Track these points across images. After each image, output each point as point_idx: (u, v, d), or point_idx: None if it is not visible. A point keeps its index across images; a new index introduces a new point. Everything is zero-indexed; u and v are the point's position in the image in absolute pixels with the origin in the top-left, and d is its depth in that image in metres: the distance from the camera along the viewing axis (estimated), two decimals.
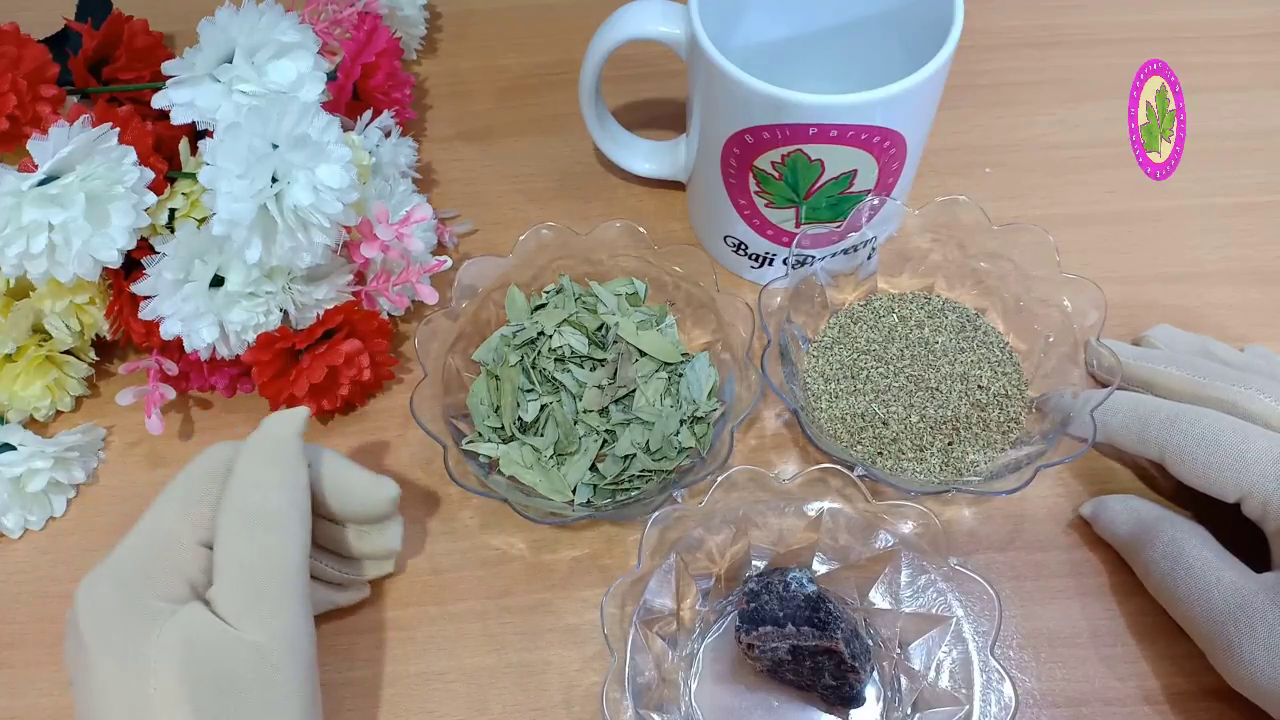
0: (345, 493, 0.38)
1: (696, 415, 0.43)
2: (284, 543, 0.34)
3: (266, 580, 0.34)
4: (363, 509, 0.38)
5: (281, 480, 0.36)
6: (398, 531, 0.40)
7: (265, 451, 0.36)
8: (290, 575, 0.34)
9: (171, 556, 0.34)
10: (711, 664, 0.39)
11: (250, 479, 0.35)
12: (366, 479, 0.38)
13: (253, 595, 0.33)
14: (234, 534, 0.34)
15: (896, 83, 0.39)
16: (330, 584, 0.40)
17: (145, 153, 0.40)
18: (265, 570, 0.34)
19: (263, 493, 0.35)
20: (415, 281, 0.43)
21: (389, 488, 0.39)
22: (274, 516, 0.35)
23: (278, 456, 0.36)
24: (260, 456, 0.36)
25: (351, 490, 0.38)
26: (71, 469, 0.44)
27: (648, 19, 0.44)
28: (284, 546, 0.34)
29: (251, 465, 0.36)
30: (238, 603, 0.33)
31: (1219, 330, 0.46)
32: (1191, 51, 0.57)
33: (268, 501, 0.35)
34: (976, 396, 0.44)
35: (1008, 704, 0.35)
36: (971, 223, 0.45)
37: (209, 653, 0.32)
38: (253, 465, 0.36)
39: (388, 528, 0.40)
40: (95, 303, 0.43)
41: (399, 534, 0.40)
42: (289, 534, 0.35)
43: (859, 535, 0.39)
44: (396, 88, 0.50)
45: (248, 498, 0.35)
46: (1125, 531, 0.40)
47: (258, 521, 0.34)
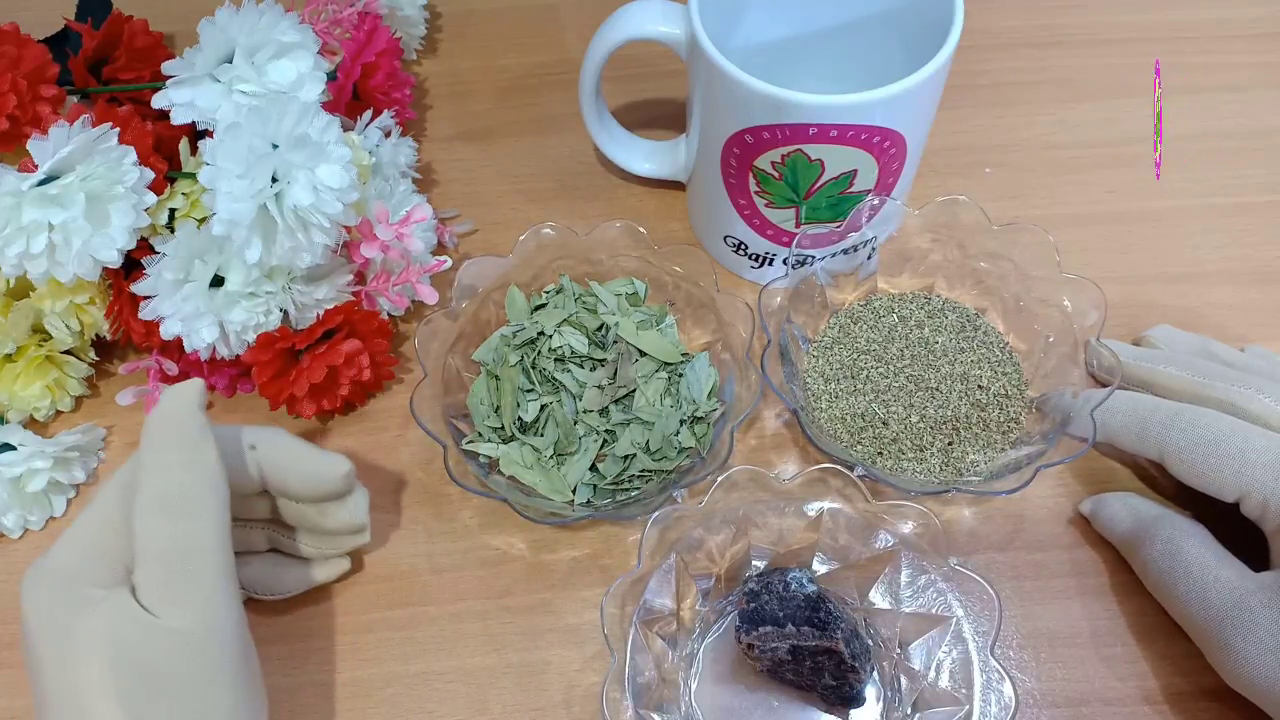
0: (295, 473, 0.37)
1: (696, 415, 0.43)
2: (197, 526, 0.33)
3: (182, 565, 0.33)
4: (316, 487, 0.38)
5: (186, 460, 0.34)
6: (362, 504, 0.40)
7: (165, 432, 0.35)
8: (206, 558, 0.33)
9: (105, 545, 0.34)
10: (711, 664, 0.39)
11: (154, 462, 0.34)
12: (316, 457, 0.38)
13: (169, 581, 0.33)
14: (146, 520, 0.33)
15: (896, 83, 0.39)
16: (306, 561, 0.40)
17: (145, 153, 0.40)
18: (180, 555, 0.33)
19: (167, 475, 0.34)
20: (415, 281, 0.43)
21: (339, 464, 0.38)
22: (183, 500, 0.34)
23: (179, 435, 0.35)
24: (161, 438, 0.35)
25: (301, 470, 0.38)
26: (71, 469, 0.44)
27: (648, 19, 0.44)
28: (197, 530, 0.33)
29: (154, 448, 0.34)
30: (156, 589, 0.33)
31: (1219, 330, 0.46)
32: (1191, 51, 0.57)
33: (173, 484, 0.34)
34: (976, 396, 0.44)
35: (1008, 704, 0.35)
36: (971, 223, 0.45)
37: (131, 642, 0.32)
38: (155, 447, 0.34)
39: (348, 501, 0.39)
40: (95, 303, 0.43)
41: (364, 506, 0.40)
42: (201, 516, 0.34)
43: (859, 535, 0.39)
44: (396, 88, 0.50)
45: (154, 482, 0.34)
46: (1124, 529, 0.40)
47: (167, 506, 0.33)
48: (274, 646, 0.40)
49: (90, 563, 0.33)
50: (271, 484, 0.38)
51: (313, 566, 0.41)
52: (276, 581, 0.40)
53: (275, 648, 0.40)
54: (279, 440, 0.38)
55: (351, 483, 0.39)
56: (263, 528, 0.40)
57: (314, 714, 0.39)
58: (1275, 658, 0.33)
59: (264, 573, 0.40)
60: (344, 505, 0.39)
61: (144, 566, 0.33)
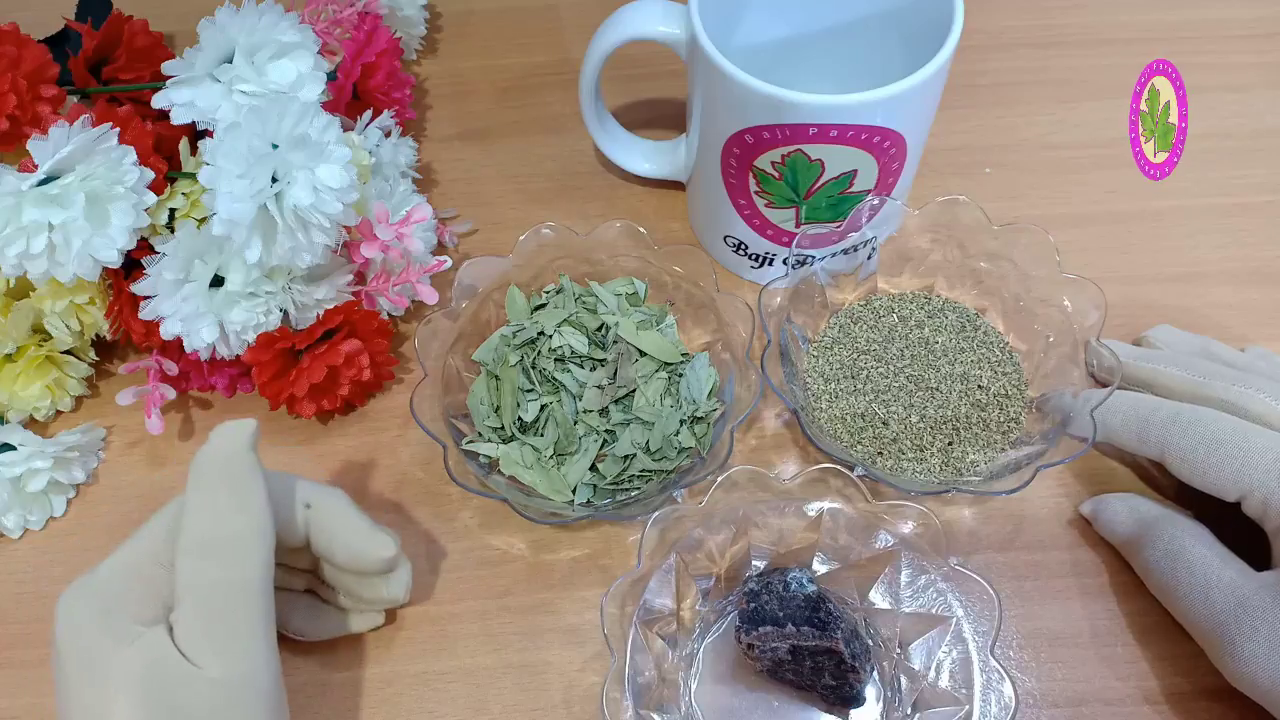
0: (343, 545, 0.37)
1: (696, 415, 0.43)
2: (241, 574, 0.33)
3: (221, 612, 0.32)
4: (359, 564, 0.37)
5: (235, 504, 0.34)
6: (404, 580, 0.39)
7: (214, 472, 0.34)
8: (249, 607, 0.33)
9: (148, 576, 0.33)
10: (711, 664, 0.39)
11: (201, 503, 0.34)
12: (366, 535, 0.37)
13: (210, 628, 0.32)
14: (189, 562, 0.33)
15: (896, 83, 0.39)
16: (342, 610, 0.40)
17: (145, 153, 0.40)
18: (222, 602, 0.32)
19: (214, 518, 0.33)
20: (415, 281, 0.43)
21: (386, 546, 0.37)
22: (227, 544, 0.33)
23: (229, 476, 0.34)
24: (210, 478, 0.34)
25: (349, 546, 0.37)
26: (71, 469, 0.44)
27: (648, 19, 0.44)
28: (241, 578, 0.33)
29: (201, 487, 0.34)
30: (195, 635, 0.32)
31: (1219, 330, 0.46)
32: (1191, 51, 0.57)
33: (220, 527, 0.33)
34: (976, 396, 0.44)
35: (1008, 704, 0.35)
36: (971, 223, 0.45)
37: (165, 685, 0.31)
38: (202, 487, 0.34)
39: (390, 578, 0.39)
40: (95, 303, 0.43)
41: (405, 582, 0.39)
42: (246, 563, 0.33)
43: (859, 535, 0.39)
44: (396, 88, 0.50)
45: (199, 523, 0.33)
46: (1126, 530, 0.40)
47: (211, 550, 0.33)
48: None
49: (132, 593, 0.33)
50: (316, 547, 0.37)
51: (349, 617, 0.40)
52: (311, 626, 0.40)
53: None
54: (334, 505, 0.37)
55: (396, 565, 0.38)
56: (302, 574, 0.39)
57: (314, 714, 0.39)
58: (1279, 657, 0.33)
59: (300, 615, 0.39)
60: (385, 581, 0.39)
61: (184, 610, 0.32)
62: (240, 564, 0.33)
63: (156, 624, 0.32)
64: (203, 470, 0.34)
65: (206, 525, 0.33)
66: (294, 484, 0.37)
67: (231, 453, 0.34)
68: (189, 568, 0.33)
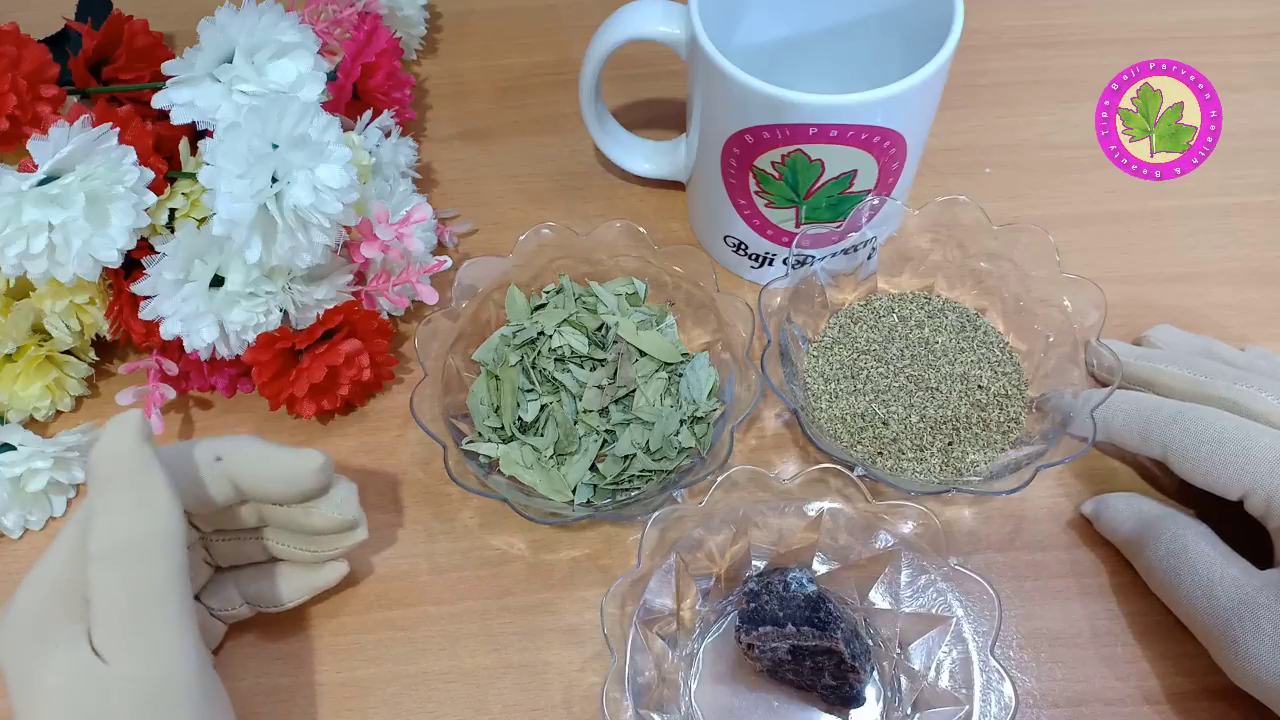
0: (268, 476, 0.36)
1: (696, 415, 0.43)
2: (148, 571, 0.32)
3: (134, 613, 0.32)
4: (293, 487, 0.36)
5: (133, 500, 0.32)
6: (348, 497, 0.38)
7: (109, 471, 0.33)
8: (159, 604, 0.32)
9: (67, 576, 0.33)
10: (711, 664, 0.39)
11: (101, 505, 0.33)
12: (286, 456, 0.36)
13: (122, 630, 0.31)
14: (96, 567, 0.32)
15: (896, 83, 0.39)
16: (305, 569, 0.40)
17: (145, 153, 0.40)
18: (131, 602, 0.32)
19: (115, 518, 0.32)
20: (415, 281, 0.43)
21: (311, 458, 0.36)
22: (133, 544, 0.32)
23: (125, 474, 0.33)
24: (105, 478, 0.33)
25: (274, 472, 0.36)
26: (71, 469, 0.44)
27: (648, 19, 0.44)
28: (149, 575, 0.32)
29: (99, 489, 0.33)
30: (109, 637, 0.31)
31: (1219, 330, 0.46)
32: (1191, 51, 0.56)
33: (121, 528, 0.32)
34: (976, 396, 0.44)
35: (1008, 704, 0.35)
36: (971, 223, 0.45)
37: (83, 690, 0.31)
38: (100, 489, 0.33)
39: (333, 496, 0.38)
40: (95, 303, 0.43)
41: (351, 499, 0.38)
42: (153, 560, 0.32)
43: (859, 535, 0.39)
44: (396, 88, 0.50)
45: (102, 526, 0.32)
46: (1128, 529, 0.40)
47: (117, 552, 0.32)
48: (274, 646, 0.40)
49: (51, 601, 0.32)
50: (248, 492, 0.36)
51: (311, 574, 0.40)
52: (275, 594, 0.40)
53: (275, 647, 0.40)
54: (245, 447, 0.36)
55: (329, 476, 0.37)
56: (256, 537, 0.39)
57: (314, 714, 0.39)
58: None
59: (263, 586, 0.39)
60: (329, 501, 0.38)
61: (96, 614, 0.32)
62: (148, 562, 0.32)
63: (79, 621, 0.32)
64: (99, 471, 0.33)
65: (109, 527, 0.32)
66: (192, 448, 0.36)
67: (125, 450, 0.33)
68: (97, 572, 0.32)
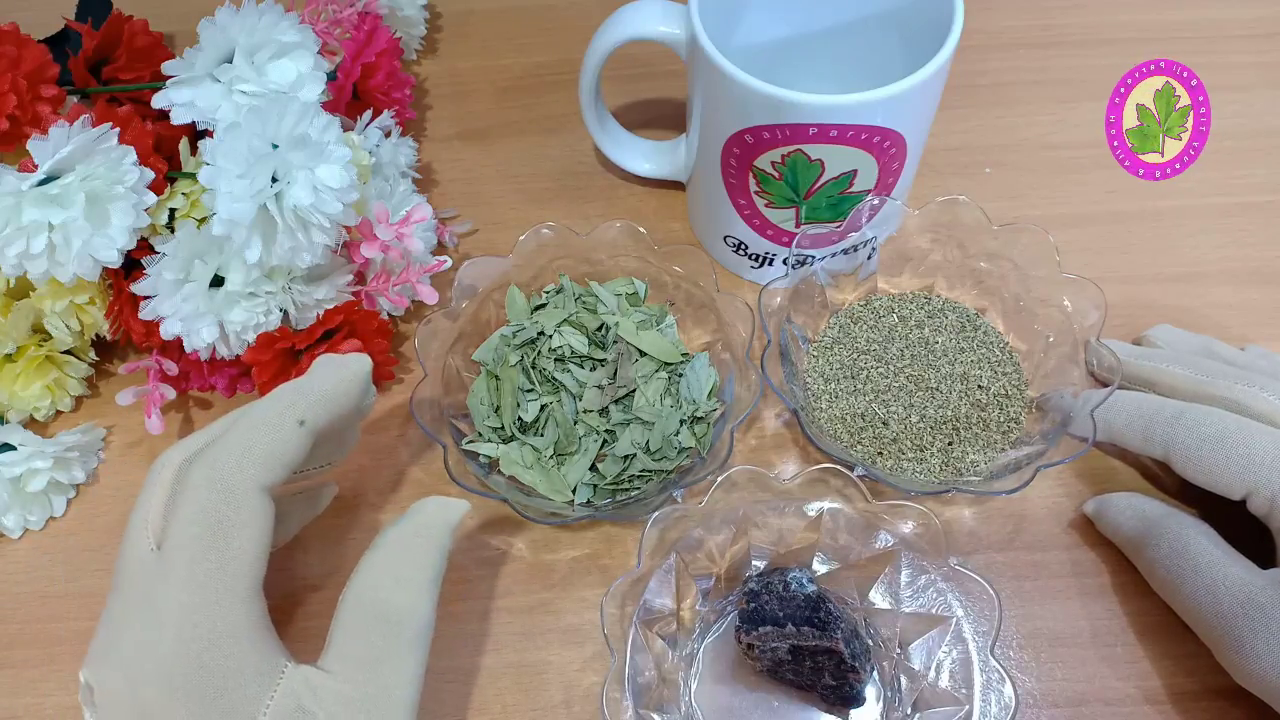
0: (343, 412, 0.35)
1: (696, 415, 0.43)
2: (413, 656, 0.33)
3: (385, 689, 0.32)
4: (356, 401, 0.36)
5: (428, 584, 0.34)
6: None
7: (418, 544, 0.34)
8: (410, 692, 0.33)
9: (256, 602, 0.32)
10: (711, 664, 0.39)
11: (394, 570, 0.34)
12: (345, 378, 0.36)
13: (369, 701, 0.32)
14: (363, 623, 0.33)
15: (896, 83, 0.39)
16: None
17: (145, 153, 0.40)
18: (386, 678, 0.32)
19: (399, 590, 0.33)
20: (415, 281, 0.43)
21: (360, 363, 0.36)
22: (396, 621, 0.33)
23: (427, 552, 0.34)
24: (411, 548, 0.34)
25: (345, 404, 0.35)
26: (71, 469, 0.44)
27: (648, 19, 0.44)
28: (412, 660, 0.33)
29: (399, 553, 0.34)
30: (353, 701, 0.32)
31: (1219, 330, 0.46)
32: (1191, 51, 0.56)
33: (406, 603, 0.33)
34: (976, 396, 0.44)
35: (1008, 704, 0.35)
36: (971, 223, 0.45)
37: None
38: (401, 554, 0.34)
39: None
40: (95, 303, 0.43)
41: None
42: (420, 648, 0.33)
43: (859, 535, 0.39)
44: (396, 88, 0.50)
45: (382, 588, 0.33)
46: (1130, 529, 0.40)
47: (379, 616, 0.33)
48: None
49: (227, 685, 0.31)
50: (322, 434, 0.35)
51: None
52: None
53: None
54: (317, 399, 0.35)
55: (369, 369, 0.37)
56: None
57: None
58: None
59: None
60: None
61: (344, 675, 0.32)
62: (413, 652, 0.33)
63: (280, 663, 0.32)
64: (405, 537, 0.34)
65: (389, 593, 0.33)
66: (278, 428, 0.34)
67: (437, 533, 0.34)
68: (363, 631, 0.33)
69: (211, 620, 0.31)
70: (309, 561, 0.42)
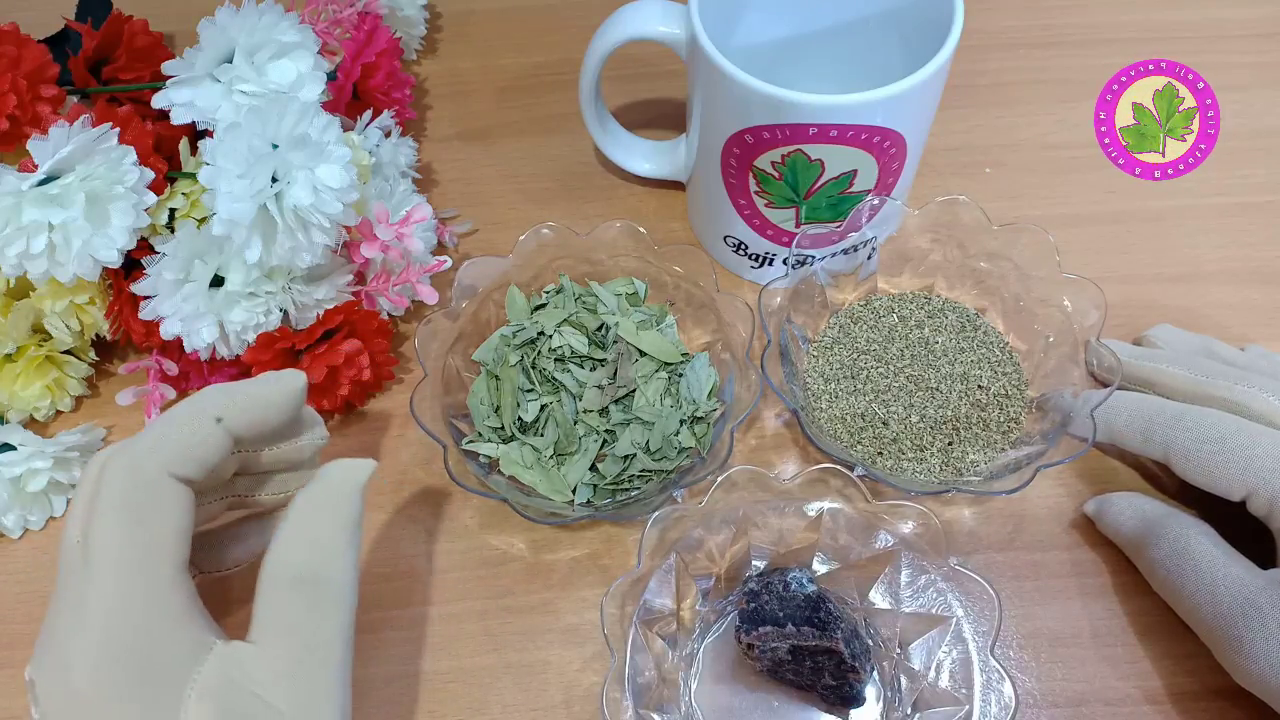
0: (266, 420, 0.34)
1: (696, 415, 0.43)
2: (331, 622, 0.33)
3: (307, 662, 0.32)
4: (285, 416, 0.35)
5: (337, 546, 0.33)
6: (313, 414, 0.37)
7: (321, 505, 0.34)
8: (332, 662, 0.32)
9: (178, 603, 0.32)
10: (711, 664, 0.39)
11: (305, 534, 0.33)
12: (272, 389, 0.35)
13: (293, 673, 0.32)
14: (281, 594, 0.32)
15: (896, 83, 0.39)
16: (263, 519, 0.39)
17: (145, 153, 0.40)
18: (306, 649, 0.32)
19: (311, 552, 0.33)
20: (415, 281, 0.43)
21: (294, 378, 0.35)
22: (322, 585, 0.33)
23: (337, 516, 0.34)
24: (315, 510, 0.34)
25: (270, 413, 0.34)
26: (71, 469, 0.44)
27: (648, 19, 0.44)
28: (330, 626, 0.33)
29: (304, 516, 0.34)
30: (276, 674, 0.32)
31: (1219, 330, 0.46)
32: (1191, 51, 0.56)
33: (316, 565, 0.33)
34: (976, 396, 0.44)
35: (1008, 704, 0.35)
36: (971, 223, 0.45)
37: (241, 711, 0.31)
38: (305, 517, 0.34)
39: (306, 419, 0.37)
40: (95, 303, 0.43)
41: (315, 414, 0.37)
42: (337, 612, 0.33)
43: (859, 535, 0.39)
44: (396, 88, 0.50)
45: (295, 554, 0.33)
46: (1130, 529, 0.40)
47: (305, 586, 0.33)
48: None
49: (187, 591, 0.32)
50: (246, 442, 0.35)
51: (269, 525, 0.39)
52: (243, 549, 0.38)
53: None
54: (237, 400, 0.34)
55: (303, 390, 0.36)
56: (219, 497, 0.38)
57: None
58: None
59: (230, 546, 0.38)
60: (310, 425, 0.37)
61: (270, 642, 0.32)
62: (333, 613, 0.33)
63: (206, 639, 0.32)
64: (315, 499, 0.34)
65: (302, 557, 0.33)
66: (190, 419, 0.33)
67: (345, 492, 0.34)
68: (281, 599, 0.33)
69: (133, 604, 0.31)
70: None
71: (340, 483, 0.34)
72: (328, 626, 0.33)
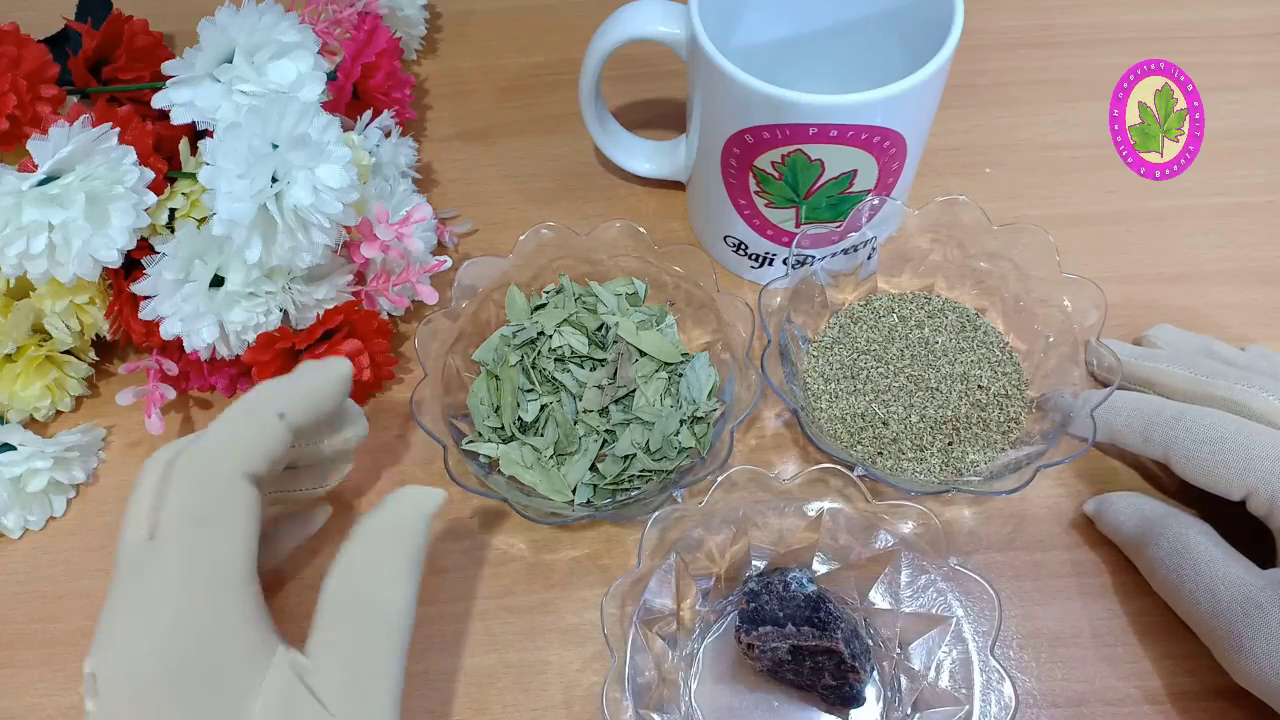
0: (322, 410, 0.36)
1: (696, 415, 0.43)
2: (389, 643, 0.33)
3: (363, 678, 0.32)
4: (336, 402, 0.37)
5: (398, 575, 0.34)
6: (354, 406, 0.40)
7: (388, 533, 0.34)
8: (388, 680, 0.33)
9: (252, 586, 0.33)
10: (711, 664, 0.39)
11: (369, 558, 0.34)
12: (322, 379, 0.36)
13: (350, 691, 0.32)
14: (342, 617, 0.33)
15: (896, 83, 0.39)
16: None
17: (145, 153, 0.40)
18: (363, 667, 0.33)
19: (374, 578, 0.34)
20: (415, 281, 0.43)
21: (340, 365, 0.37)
22: (381, 612, 0.33)
23: (402, 545, 0.34)
24: (386, 536, 0.34)
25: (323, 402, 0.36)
26: (71, 469, 0.44)
27: (648, 19, 0.44)
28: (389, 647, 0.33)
29: (374, 542, 0.34)
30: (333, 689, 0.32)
31: (1219, 330, 0.46)
32: (1191, 51, 0.57)
33: (376, 590, 0.33)
34: (976, 396, 0.44)
35: (1008, 704, 0.35)
36: (971, 223, 0.45)
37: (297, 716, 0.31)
38: (376, 542, 0.34)
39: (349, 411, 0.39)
40: (95, 303, 0.43)
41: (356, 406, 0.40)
42: (395, 638, 0.33)
43: (859, 535, 0.39)
44: (396, 88, 0.50)
45: (358, 578, 0.33)
46: (1130, 528, 0.40)
47: (363, 609, 0.33)
48: None
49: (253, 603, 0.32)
50: (303, 434, 0.36)
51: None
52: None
53: None
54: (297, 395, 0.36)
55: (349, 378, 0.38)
56: (269, 493, 0.39)
57: None
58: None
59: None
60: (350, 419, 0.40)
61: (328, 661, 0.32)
62: (391, 640, 0.33)
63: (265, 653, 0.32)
64: (382, 526, 0.35)
65: (365, 581, 0.33)
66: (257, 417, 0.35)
67: (412, 522, 0.35)
68: (341, 621, 0.33)
69: (203, 605, 0.31)
70: (306, 560, 0.42)
71: (409, 512, 0.35)
72: (388, 655, 0.33)
